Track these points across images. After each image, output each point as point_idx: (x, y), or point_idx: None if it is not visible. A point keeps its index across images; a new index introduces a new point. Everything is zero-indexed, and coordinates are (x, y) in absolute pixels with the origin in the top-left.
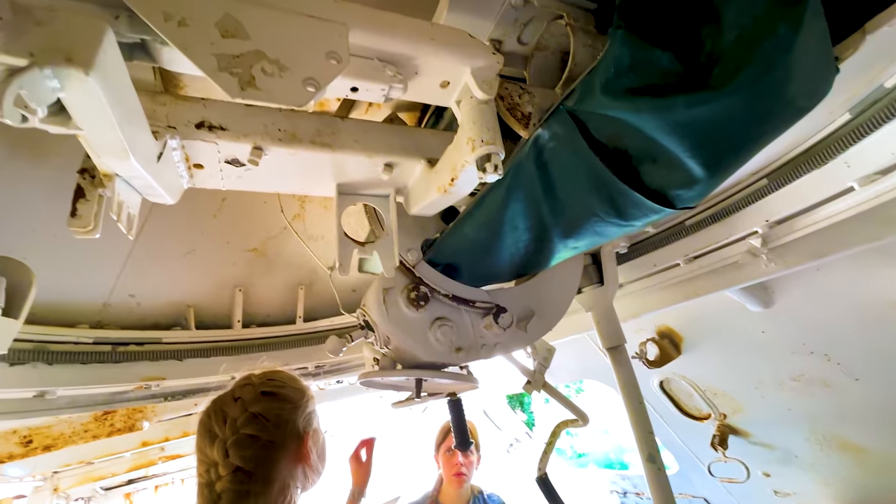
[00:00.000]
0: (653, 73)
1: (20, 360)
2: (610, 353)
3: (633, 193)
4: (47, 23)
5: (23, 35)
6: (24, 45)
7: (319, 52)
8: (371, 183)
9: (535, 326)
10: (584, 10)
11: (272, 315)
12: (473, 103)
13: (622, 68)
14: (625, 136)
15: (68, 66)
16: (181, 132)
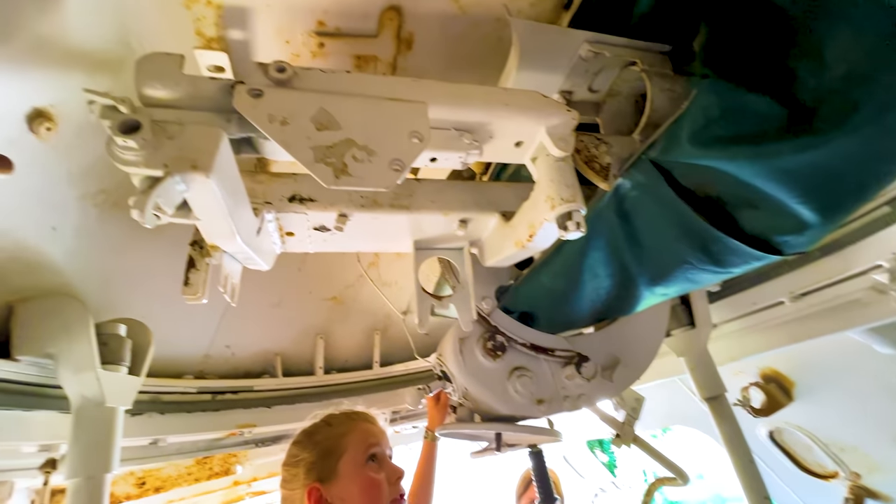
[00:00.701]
0: (748, 120)
1: (138, 411)
2: (709, 403)
3: (730, 240)
4: (177, 136)
5: (158, 150)
6: (160, 158)
7: (403, 133)
8: (446, 238)
9: (621, 375)
10: (659, 53)
11: (350, 360)
12: (550, 161)
13: (712, 118)
14: (717, 183)
15: (194, 172)
16: (276, 206)
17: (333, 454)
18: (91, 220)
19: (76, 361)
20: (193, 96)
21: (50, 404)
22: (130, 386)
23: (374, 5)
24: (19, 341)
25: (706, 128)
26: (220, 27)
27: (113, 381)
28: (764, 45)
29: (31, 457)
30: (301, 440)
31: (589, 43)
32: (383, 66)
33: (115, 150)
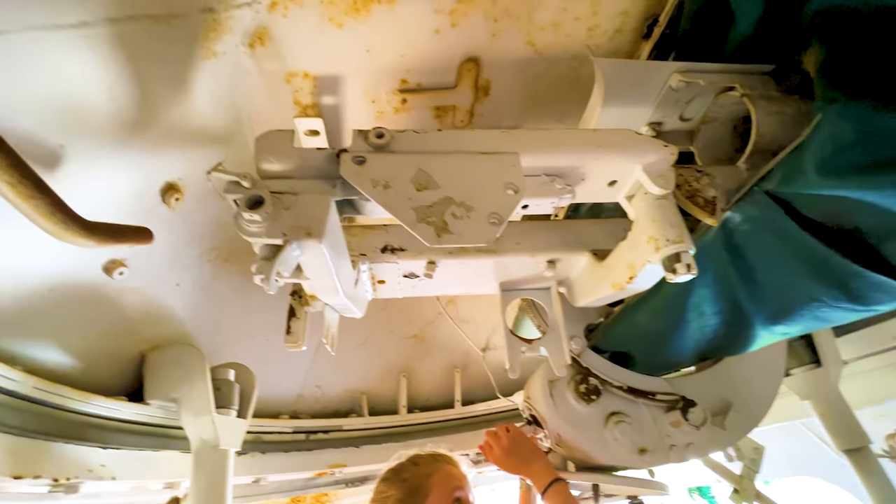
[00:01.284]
0: (889, 143)
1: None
2: (849, 456)
3: (876, 276)
4: (293, 206)
5: (278, 220)
6: (279, 228)
7: (498, 185)
8: (533, 278)
9: (735, 422)
10: (761, 74)
11: (432, 399)
12: (649, 199)
13: (845, 144)
14: (855, 213)
15: (308, 239)
16: (370, 257)
17: (419, 493)
18: (206, 274)
19: (196, 406)
20: (303, 167)
21: (174, 444)
22: (239, 429)
23: (453, 59)
24: (151, 387)
25: (837, 155)
26: (314, 95)
27: (225, 425)
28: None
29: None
30: (389, 478)
31: (680, 73)
32: (461, 113)
33: (241, 223)
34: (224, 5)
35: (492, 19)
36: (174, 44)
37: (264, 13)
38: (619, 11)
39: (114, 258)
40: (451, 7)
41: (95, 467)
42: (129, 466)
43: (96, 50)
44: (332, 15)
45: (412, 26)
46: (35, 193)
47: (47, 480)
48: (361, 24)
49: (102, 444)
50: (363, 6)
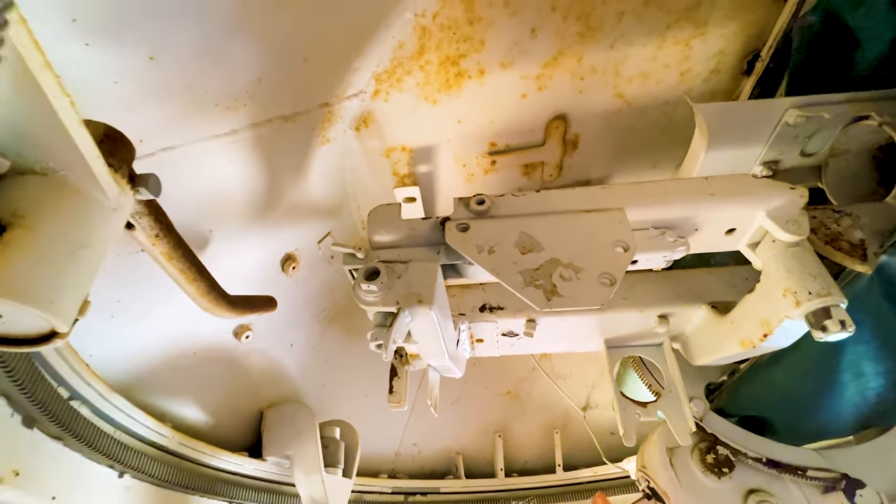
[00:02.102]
0: None
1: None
2: None
3: None
4: (404, 274)
5: (392, 290)
6: (393, 297)
7: (606, 244)
8: (642, 334)
9: None
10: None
11: (530, 462)
12: (779, 247)
13: None
14: None
15: (419, 306)
16: (469, 316)
17: None
18: (315, 334)
19: (307, 464)
20: (410, 236)
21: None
22: (345, 488)
23: (540, 119)
24: (268, 443)
25: None
26: (410, 165)
27: (333, 484)
28: None
29: None
30: None
31: (797, 108)
32: (550, 168)
33: (359, 293)
34: (337, 98)
35: (578, 78)
36: (297, 136)
37: (369, 100)
38: (715, 52)
39: (242, 323)
40: (537, 72)
41: None
42: None
43: (241, 151)
44: (428, 94)
45: (500, 95)
46: (198, 277)
47: None
48: (454, 99)
49: (228, 497)
50: (455, 83)
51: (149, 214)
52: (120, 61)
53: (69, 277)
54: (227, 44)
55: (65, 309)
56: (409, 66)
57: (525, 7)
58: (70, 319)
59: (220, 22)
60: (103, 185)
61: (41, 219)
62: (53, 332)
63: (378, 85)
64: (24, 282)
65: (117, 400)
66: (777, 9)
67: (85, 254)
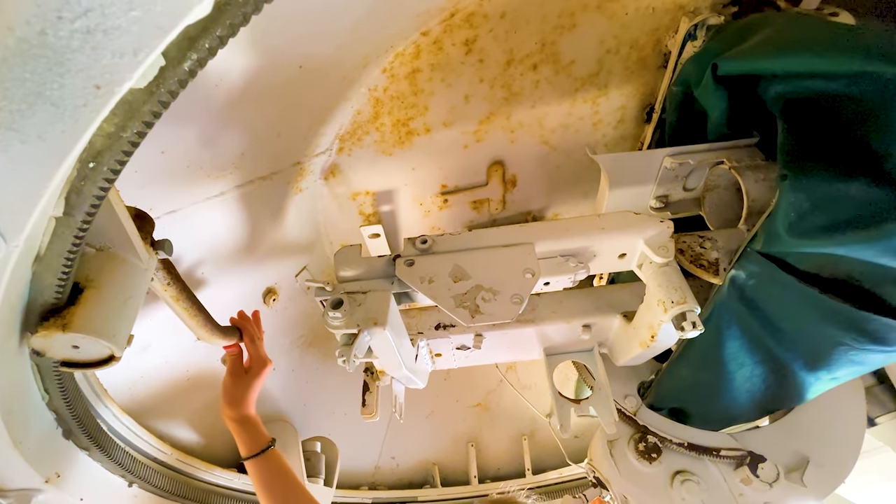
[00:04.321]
0: (846, 206)
1: None
2: None
3: (883, 319)
4: (363, 302)
5: (353, 315)
6: (354, 320)
7: (518, 271)
8: (573, 343)
9: (815, 478)
10: (746, 147)
11: (502, 468)
12: (654, 268)
13: (803, 212)
14: (842, 265)
15: (375, 327)
16: (426, 334)
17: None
18: (295, 358)
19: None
20: (369, 271)
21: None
22: (327, 495)
23: (481, 164)
24: None
25: (801, 220)
26: (374, 206)
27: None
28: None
29: None
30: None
31: (670, 157)
32: (495, 203)
33: (327, 319)
34: (307, 157)
35: (509, 131)
36: (275, 190)
37: (335, 155)
38: (618, 107)
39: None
40: (474, 128)
41: None
42: None
43: (228, 207)
44: (384, 149)
45: (446, 146)
46: (197, 313)
47: None
48: (407, 151)
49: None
50: (406, 140)
51: (164, 269)
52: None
53: (123, 319)
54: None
55: (121, 341)
56: (367, 127)
57: (458, 80)
58: (123, 348)
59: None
60: (139, 254)
61: (104, 281)
62: (111, 356)
63: (342, 143)
64: (100, 324)
65: (127, 420)
66: (661, 75)
67: (131, 302)
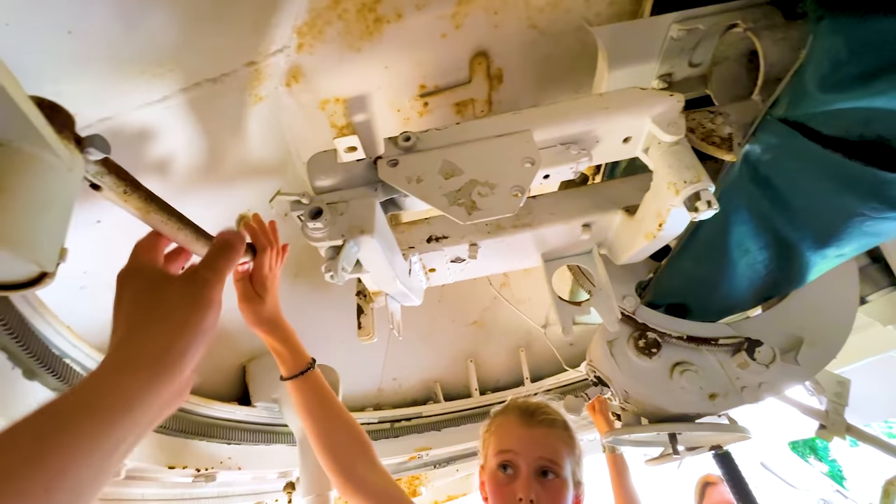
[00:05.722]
0: (885, 48)
1: None
2: None
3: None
4: (346, 211)
5: (335, 225)
6: (338, 231)
7: (516, 161)
8: (573, 245)
9: (808, 357)
10: (761, 5)
11: (502, 380)
12: (664, 148)
13: (840, 59)
14: (872, 122)
15: (362, 235)
16: (418, 248)
17: (483, 448)
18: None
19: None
20: (348, 178)
21: (281, 439)
22: None
23: (462, 56)
24: (254, 391)
25: (836, 70)
26: (347, 116)
27: None
28: None
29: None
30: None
31: (678, 23)
32: (480, 104)
33: (307, 231)
34: (262, 55)
35: (491, 13)
36: (229, 97)
37: (294, 54)
38: None
39: None
40: (451, 11)
41: (224, 459)
42: (249, 458)
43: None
44: (350, 42)
45: (420, 36)
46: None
47: (192, 470)
48: (376, 45)
49: (227, 440)
50: (375, 28)
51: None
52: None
53: (45, 228)
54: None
55: (47, 253)
56: (328, 16)
57: None
58: (53, 261)
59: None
60: (55, 149)
61: (10, 182)
62: (42, 273)
63: (300, 38)
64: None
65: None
66: None
67: (53, 208)
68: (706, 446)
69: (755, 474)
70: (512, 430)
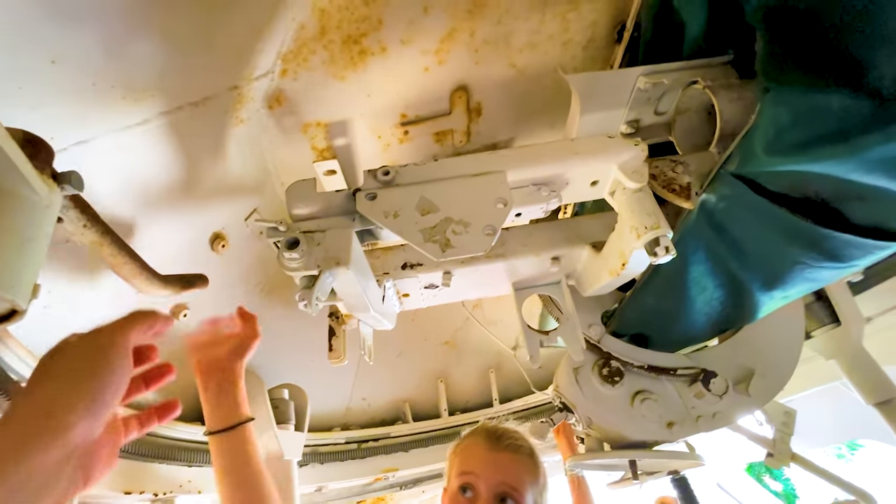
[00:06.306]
0: (827, 120)
1: (304, 462)
2: (880, 409)
3: (843, 235)
4: (322, 241)
5: (312, 255)
6: (314, 261)
7: (490, 201)
8: (542, 276)
9: (759, 387)
10: (720, 65)
11: (471, 401)
12: (627, 193)
13: (783, 127)
14: (811, 183)
15: (338, 267)
16: (392, 274)
17: (448, 469)
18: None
19: (259, 424)
20: (327, 207)
21: None
22: (299, 440)
23: (444, 89)
24: None
25: (779, 137)
26: (327, 140)
27: (286, 438)
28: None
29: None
30: None
31: (644, 76)
32: (459, 134)
33: (283, 261)
34: (246, 80)
35: (473, 51)
36: (210, 119)
37: (278, 79)
38: (589, 24)
39: (178, 303)
40: (435, 47)
41: (184, 483)
42: (209, 482)
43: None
44: (335, 71)
45: (404, 69)
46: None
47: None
48: (360, 74)
49: (188, 462)
50: (360, 59)
51: (74, 207)
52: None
53: (22, 266)
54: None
55: (22, 291)
56: (313, 45)
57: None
58: (27, 299)
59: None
60: (34, 186)
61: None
62: (13, 310)
63: (285, 65)
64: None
65: None
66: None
67: (31, 246)
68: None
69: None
70: (476, 452)
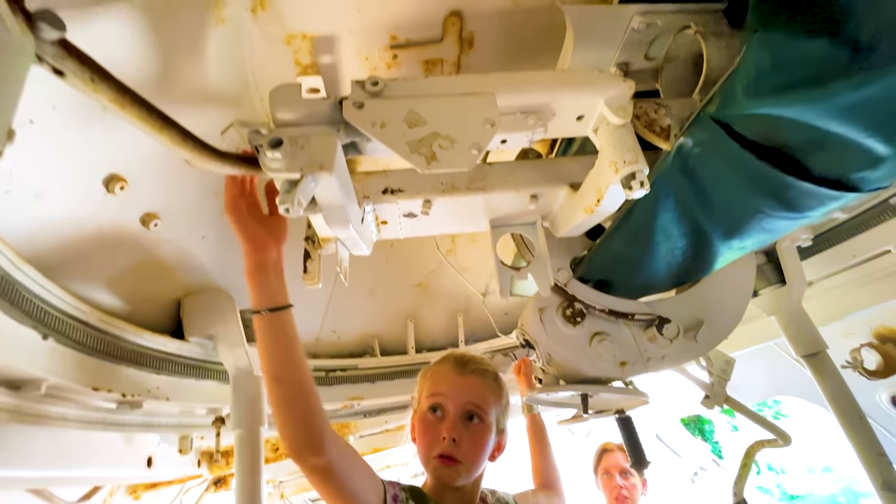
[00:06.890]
0: (803, 66)
1: None
2: (808, 361)
3: (803, 184)
4: (306, 146)
5: (295, 158)
6: (297, 164)
7: (477, 121)
8: (519, 214)
9: (705, 336)
10: (713, 12)
11: (438, 341)
12: (611, 129)
13: (763, 70)
14: (781, 130)
15: (321, 171)
16: (373, 199)
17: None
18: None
19: (230, 340)
20: (311, 114)
21: (213, 376)
22: None
23: (437, 13)
24: (189, 326)
25: (759, 79)
26: (313, 55)
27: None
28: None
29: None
30: None
31: (640, 15)
32: (449, 66)
33: (265, 161)
34: None
35: None
36: (189, 13)
37: None
38: None
39: (149, 211)
40: None
41: (152, 388)
42: (177, 391)
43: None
44: None
45: None
46: (164, 125)
47: (117, 395)
48: None
49: (156, 370)
50: None
51: (69, 56)
52: None
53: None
54: None
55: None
56: None
57: None
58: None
59: None
60: (7, 24)
61: None
62: None
63: None
64: None
65: (29, 270)
66: None
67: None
68: (612, 410)
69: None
70: (445, 376)
